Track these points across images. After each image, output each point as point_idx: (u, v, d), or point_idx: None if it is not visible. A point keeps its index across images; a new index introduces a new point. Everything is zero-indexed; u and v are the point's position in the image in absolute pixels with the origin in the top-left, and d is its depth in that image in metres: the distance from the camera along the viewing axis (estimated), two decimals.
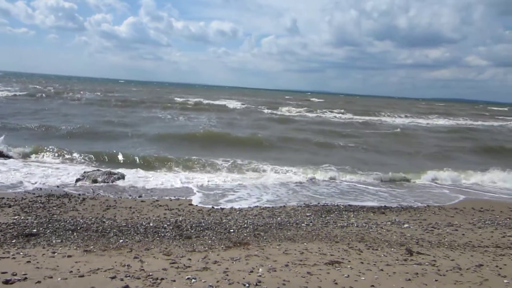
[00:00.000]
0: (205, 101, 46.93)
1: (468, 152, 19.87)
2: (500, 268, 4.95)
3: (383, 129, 28.74)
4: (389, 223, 7.28)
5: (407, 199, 9.99)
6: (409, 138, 24.27)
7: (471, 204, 9.53)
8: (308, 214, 7.85)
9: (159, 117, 28.40)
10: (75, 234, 6.07)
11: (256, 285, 4.08)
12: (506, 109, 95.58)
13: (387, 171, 12.63)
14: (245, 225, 6.96)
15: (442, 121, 40.12)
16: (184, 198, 9.07)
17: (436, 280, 4.51)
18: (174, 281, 4.12)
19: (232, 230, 6.65)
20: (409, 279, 4.51)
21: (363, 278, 4.50)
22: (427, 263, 5.08)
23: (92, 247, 5.46)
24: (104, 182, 10.07)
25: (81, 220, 6.81)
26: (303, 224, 7.01)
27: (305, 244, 5.92)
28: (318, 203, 8.92)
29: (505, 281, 4.55)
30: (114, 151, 13.94)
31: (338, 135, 23.51)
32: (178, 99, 48.37)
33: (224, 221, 7.26)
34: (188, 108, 37.87)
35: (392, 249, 5.73)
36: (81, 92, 48.11)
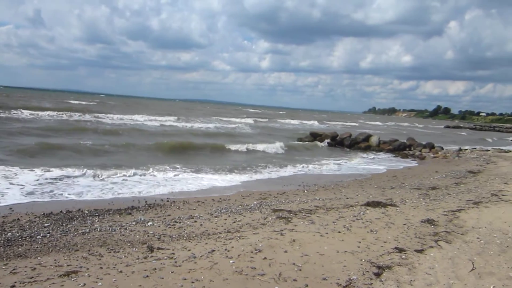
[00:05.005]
0: None
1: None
2: (228, 251, 5.57)
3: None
4: (134, 223, 7.31)
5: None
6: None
7: (211, 196, 10.46)
8: (46, 224, 7.16)
9: None
10: None
11: None
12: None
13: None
14: None
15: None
16: None
17: (172, 272, 4.76)
18: None
19: None
20: (147, 276, 4.63)
21: (100, 283, 4.39)
22: (165, 257, 5.30)
23: None
24: None
25: None
26: (38, 237, 6.35)
27: (39, 258, 5.38)
28: (61, 211, 8.23)
29: (230, 261, 5.16)
30: None
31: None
32: None
33: None
34: None
35: (134, 248, 5.78)
36: None
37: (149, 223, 7.28)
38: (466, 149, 28.14)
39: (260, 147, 22.27)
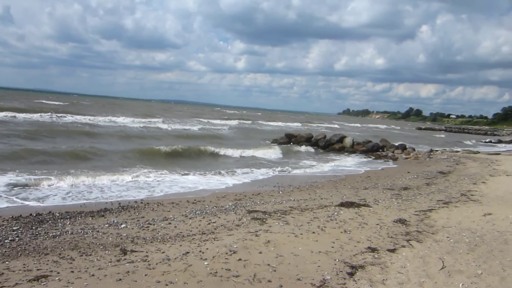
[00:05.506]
0: None
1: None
2: (203, 253, 5.55)
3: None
4: (107, 225, 7.19)
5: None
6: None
7: (186, 197, 10.38)
8: (15, 228, 6.96)
9: None
10: None
11: None
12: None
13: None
14: None
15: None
16: None
17: (146, 275, 4.71)
18: None
19: None
20: (120, 279, 4.57)
21: None
22: (139, 260, 5.24)
23: None
24: None
25: None
26: (6, 240, 6.16)
27: (7, 263, 5.22)
28: (31, 214, 8.02)
29: (205, 263, 5.14)
30: None
31: None
32: None
33: None
34: None
35: (107, 251, 5.68)
36: None
37: (123, 226, 7.17)
38: (437, 150, 28.83)
39: (237, 151, 21.87)
